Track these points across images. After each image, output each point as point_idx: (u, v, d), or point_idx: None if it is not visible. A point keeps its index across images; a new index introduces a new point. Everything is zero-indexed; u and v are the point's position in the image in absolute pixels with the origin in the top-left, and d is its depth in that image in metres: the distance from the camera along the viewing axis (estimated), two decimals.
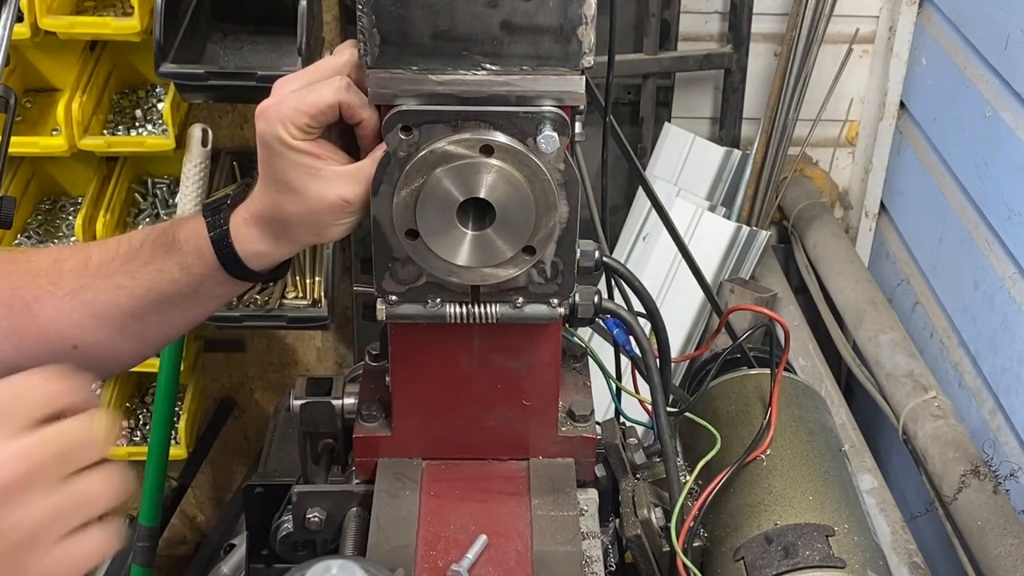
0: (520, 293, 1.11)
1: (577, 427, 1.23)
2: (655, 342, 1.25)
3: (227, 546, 2.52)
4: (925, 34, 2.91)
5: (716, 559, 1.20)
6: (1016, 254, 2.37)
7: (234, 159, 2.59)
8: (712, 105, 3.20)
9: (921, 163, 2.91)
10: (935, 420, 2.37)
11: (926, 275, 2.85)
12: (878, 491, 2.38)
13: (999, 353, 2.44)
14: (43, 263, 1.16)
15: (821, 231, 3.07)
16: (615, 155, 1.60)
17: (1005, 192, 2.42)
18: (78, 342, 1.14)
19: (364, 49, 1.00)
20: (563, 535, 1.14)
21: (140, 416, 2.76)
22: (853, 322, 2.80)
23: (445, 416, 1.21)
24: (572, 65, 1.01)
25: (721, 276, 2.89)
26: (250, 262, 1.11)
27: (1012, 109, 2.42)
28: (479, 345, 1.16)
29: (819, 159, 3.26)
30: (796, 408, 1.32)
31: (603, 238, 1.46)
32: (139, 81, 2.62)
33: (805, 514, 1.17)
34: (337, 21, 2.69)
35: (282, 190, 1.06)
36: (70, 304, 1.13)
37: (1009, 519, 2.09)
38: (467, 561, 1.10)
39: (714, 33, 3.13)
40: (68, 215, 2.66)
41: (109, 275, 1.13)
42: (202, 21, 2.32)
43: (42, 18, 2.27)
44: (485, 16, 0.98)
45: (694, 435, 1.34)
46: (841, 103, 3.12)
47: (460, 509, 1.17)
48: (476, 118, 1.02)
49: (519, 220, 1.03)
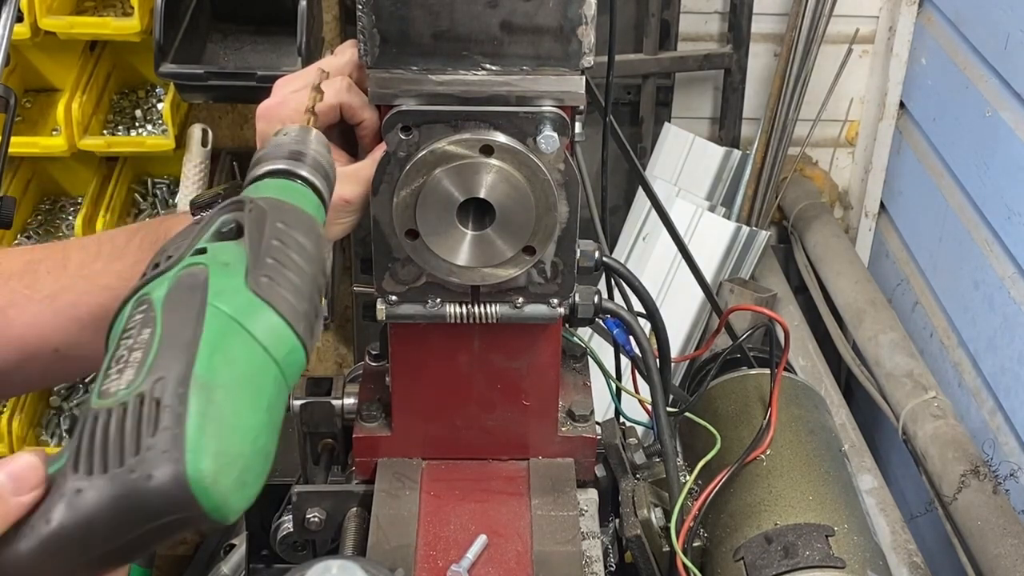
0: (520, 293, 1.11)
1: (577, 427, 1.23)
2: (655, 342, 1.25)
3: (227, 546, 2.52)
4: (925, 34, 2.91)
5: (716, 559, 1.20)
6: (1016, 254, 2.37)
7: (234, 159, 2.59)
8: (712, 105, 3.20)
9: (921, 163, 2.91)
10: (935, 420, 2.37)
11: (926, 275, 2.85)
12: (878, 491, 2.38)
13: (999, 353, 2.44)
14: (14, 266, 1.11)
15: (821, 231, 3.07)
16: (615, 155, 1.60)
17: (1005, 192, 2.43)
18: (59, 346, 1.11)
19: (364, 49, 1.00)
20: (563, 535, 1.14)
21: None
22: (853, 322, 2.80)
23: (445, 416, 1.21)
24: (572, 65, 1.01)
25: (721, 276, 2.89)
26: None
27: (1012, 109, 2.42)
28: (479, 345, 1.16)
29: (819, 159, 3.27)
30: (796, 408, 1.32)
31: (603, 238, 1.46)
32: (139, 81, 2.62)
33: (805, 514, 1.17)
34: (337, 21, 2.69)
35: None
36: (50, 308, 1.09)
37: (1009, 519, 2.09)
38: (467, 561, 1.10)
39: (714, 33, 3.13)
40: (68, 215, 2.66)
41: (91, 276, 1.10)
42: (202, 21, 2.32)
43: (42, 18, 2.27)
44: (485, 16, 0.98)
45: (694, 435, 1.34)
46: (841, 103, 3.13)
47: (460, 509, 1.17)
48: (476, 118, 1.01)
49: (519, 220, 1.03)
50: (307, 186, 0.85)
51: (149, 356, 0.67)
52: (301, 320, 0.73)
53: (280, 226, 0.76)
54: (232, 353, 0.69)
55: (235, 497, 0.65)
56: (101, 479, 0.63)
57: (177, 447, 0.63)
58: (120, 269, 1.11)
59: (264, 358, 0.70)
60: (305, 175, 0.85)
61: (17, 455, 0.66)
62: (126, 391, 0.65)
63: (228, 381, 0.67)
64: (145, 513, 0.63)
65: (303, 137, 0.89)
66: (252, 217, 0.76)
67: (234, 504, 0.65)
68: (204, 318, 0.69)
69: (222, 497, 0.64)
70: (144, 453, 0.63)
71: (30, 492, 0.65)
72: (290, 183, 0.84)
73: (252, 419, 0.68)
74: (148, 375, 0.66)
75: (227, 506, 0.65)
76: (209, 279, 0.71)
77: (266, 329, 0.71)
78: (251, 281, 0.72)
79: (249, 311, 0.71)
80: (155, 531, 0.64)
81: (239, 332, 0.70)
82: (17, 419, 2.56)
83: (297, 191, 0.84)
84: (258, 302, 0.71)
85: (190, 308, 0.70)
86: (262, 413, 0.69)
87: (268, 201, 0.79)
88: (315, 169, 0.86)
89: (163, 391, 0.65)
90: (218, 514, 0.65)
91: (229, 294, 0.71)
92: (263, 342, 0.70)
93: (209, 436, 0.64)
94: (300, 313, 0.73)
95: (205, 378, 0.66)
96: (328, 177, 0.88)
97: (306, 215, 0.80)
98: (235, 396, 0.67)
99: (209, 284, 0.71)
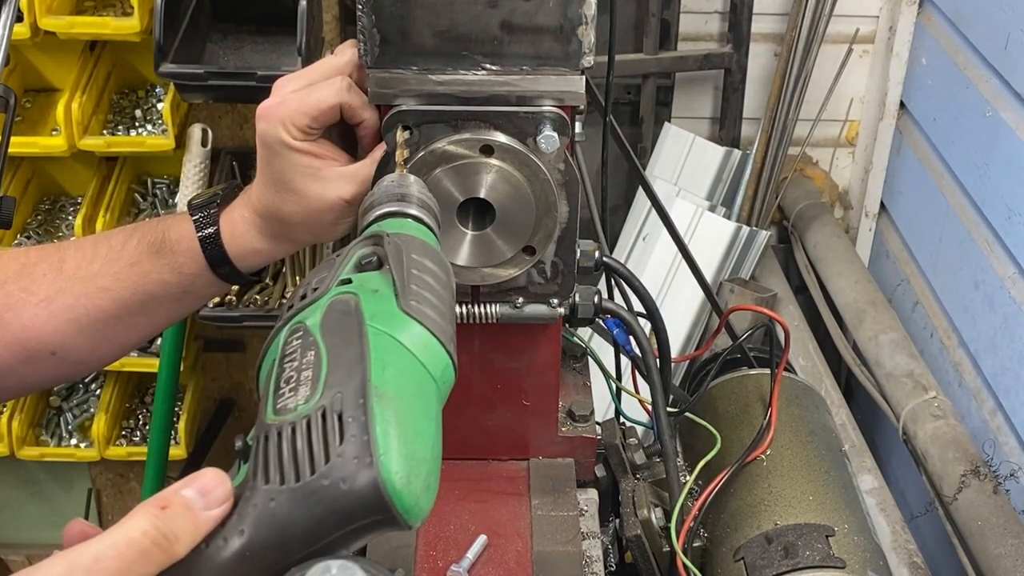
0: (520, 293, 1.11)
1: (577, 427, 1.23)
2: (655, 342, 1.25)
3: None
4: (925, 34, 2.91)
5: (716, 559, 1.20)
6: (1016, 254, 2.37)
7: (234, 159, 2.59)
8: (712, 105, 3.20)
9: (921, 163, 2.91)
10: (935, 420, 2.37)
11: (926, 275, 2.85)
12: (878, 491, 2.38)
13: (999, 353, 2.44)
14: (10, 268, 1.11)
15: (821, 231, 3.07)
16: (615, 155, 1.60)
17: (1005, 192, 2.42)
18: (57, 348, 1.11)
19: (364, 49, 1.00)
20: (563, 535, 1.14)
21: (140, 416, 2.76)
22: (853, 322, 2.80)
23: (445, 416, 1.20)
24: (572, 65, 1.01)
25: (721, 276, 2.89)
26: (246, 260, 1.11)
27: (1012, 109, 2.42)
28: (479, 345, 1.16)
29: (819, 159, 3.27)
30: (796, 408, 1.32)
31: (603, 238, 1.46)
32: (139, 81, 2.62)
33: (805, 514, 1.17)
34: (337, 21, 2.69)
35: (282, 190, 1.06)
36: (46, 311, 1.09)
37: (1009, 519, 2.09)
38: (467, 561, 1.10)
39: (714, 33, 3.13)
40: (68, 215, 2.66)
41: (89, 278, 1.10)
42: (202, 21, 2.32)
43: (42, 18, 2.27)
44: (485, 16, 0.98)
45: (694, 435, 1.33)
46: (841, 103, 3.12)
47: (460, 509, 1.17)
48: (476, 118, 1.02)
49: (519, 220, 1.03)
50: (420, 223, 0.90)
51: (321, 373, 0.70)
52: (450, 340, 0.78)
53: (415, 257, 0.81)
54: (400, 367, 0.72)
55: (425, 498, 0.68)
56: (293, 488, 0.65)
57: (368, 452, 0.65)
58: (117, 271, 1.10)
59: (424, 373, 0.75)
60: (415, 213, 0.90)
61: (203, 471, 0.67)
62: (305, 406, 0.68)
63: (403, 392, 0.71)
64: (341, 518, 0.65)
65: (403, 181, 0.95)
66: (392, 249, 0.81)
67: (424, 505, 0.68)
68: (366, 338, 0.72)
69: (414, 498, 0.66)
70: (335, 460, 0.65)
71: (219, 506, 0.66)
72: (406, 221, 0.90)
73: (428, 427, 0.71)
74: (325, 390, 0.69)
75: (419, 507, 0.67)
76: (361, 304, 0.75)
77: (423, 347, 0.75)
78: (402, 304, 0.76)
79: (406, 330, 0.75)
80: (347, 536, 0.66)
81: (400, 349, 0.74)
82: (17, 419, 2.57)
83: (414, 227, 0.89)
84: (412, 322, 0.75)
85: (349, 330, 0.73)
86: (434, 423, 0.73)
87: (399, 236, 0.84)
88: (423, 207, 0.91)
89: (344, 403, 0.67)
90: (410, 516, 0.67)
91: (384, 316, 0.75)
92: (422, 359, 0.75)
93: (396, 440, 0.67)
94: (448, 334, 0.78)
95: (382, 390, 0.69)
96: (435, 214, 0.93)
97: (432, 247, 0.86)
98: (411, 406, 0.71)
99: (363, 308, 0.75)
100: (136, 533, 0.64)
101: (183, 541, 0.65)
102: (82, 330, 1.11)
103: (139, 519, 0.64)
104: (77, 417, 2.69)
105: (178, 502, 0.66)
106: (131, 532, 0.64)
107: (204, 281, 1.12)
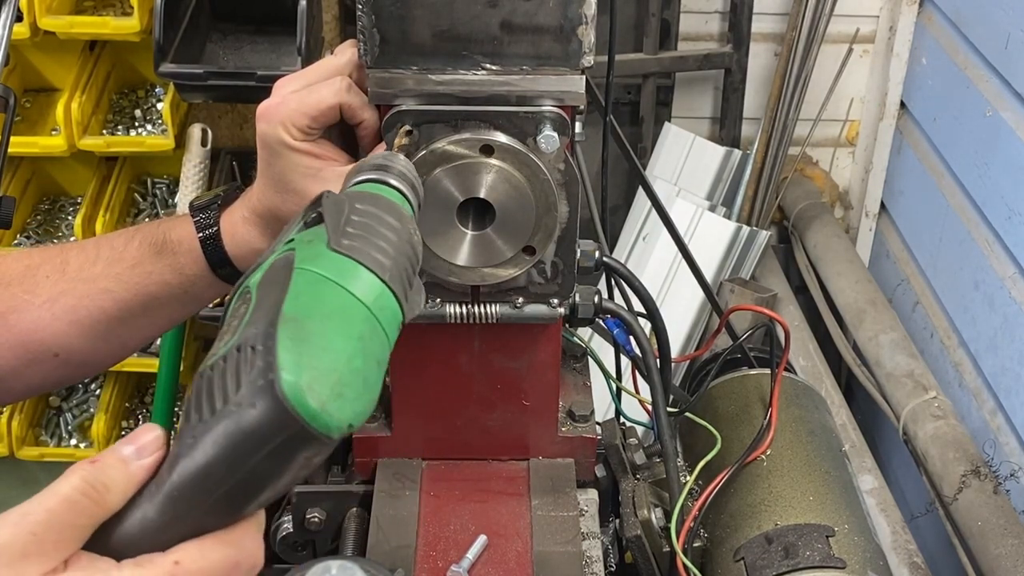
0: (520, 293, 1.10)
1: (577, 427, 1.23)
2: (655, 342, 1.25)
3: None
4: (925, 34, 2.91)
5: (716, 559, 1.20)
6: (1016, 254, 2.37)
7: (234, 159, 2.59)
8: (712, 105, 3.20)
9: (921, 163, 2.91)
10: (935, 420, 2.37)
11: (926, 275, 2.85)
12: (878, 491, 2.38)
13: (999, 353, 2.44)
14: (14, 271, 1.12)
15: (821, 231, 3.07)
16: (615, 155, 1.60)
17: (1005, 192, 2.42)
18: (60, 350, 1.11)
19: (364, 49, 1.00)
20: (563, 535, 1.14)
21: (140, 416, 2.76)
22: (853, 322, 2.80)
23: (445, 416, 1.21)
24: (572, 65, 1.01)
25: (721, 276, 2.89)
26: (247, 261, 1.11)
27: (1012, 109, 2.42)
28: (479, 345, 1.16)
29: (819, 159, 3.27)
30: (796, 408, 1.32)
31: (603, 238, 1.46)
32: (139, 81, 2.62)
33: (805, 514, 1.17)
34: (337, 21, 2.69)
35: (282, 190, 1.06)
36: (49, 312, 1.10)
37: (1009, 519, 2.09)
38: (467, 561, 1.10)
39: (714, 33, 3.13)
40: (68, 215, 2.66)
41: (91, 280, 1.10)
42: (202, 21, 2.32)
43: (42, 18, 2.27)
44: (485, 16, 0.98)
45: (694, 435, 1.33)
46: (841, 103, 3.12)
47: (460, 509, 1.17)
48: (476, 118, 1.01)
49: (519, 220, 1.03)
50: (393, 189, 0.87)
51: (244, 319, 0.71)
52: (387, 271, 0.75)
53: (359, 206, 0.80)
54: (318, 295, 0.72)
55: (333, 406, 0.67)
56: (207, 421, 0.67)
57: (271, 369, 0.66)
58: (119, 272, 1.11)
59: (351, 299, 0.73)
60: (392, 182, 0.87)
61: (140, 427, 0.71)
62: (224, 347, 0.70)
63: (315, 314, 0.70)
64: (255, 440, 0.66)
65: (389, 155, 0.92)
66: (330, 202, 0.79)
67: (334, 412, 0.67)
68: (291, 280, 0.73)
69: (319, 405, 0.67)
70: (244, 388, 0.66)
71: (151, 455, 0.69)
72: (375, 184, 0.87)
73: (342, 343, 0.70)
74: (243, 331, 0.70)
75: (328, 414, 0.67)
76: (296, 255, 0.75)
77: (351, 277, 0.74)
78: (332, 244, 0.75)
79: (329, 263, 0.74)
80: (268, 458, 0.67)
81: (321, 280, 0.73)
82: (17, 419, 2.57)
83: (387, 191, 0.86)
84: (340, 257, 0.74)
85: (280, 278, 0.73)
86: (354, 340, 0.71)
87: (347, 192, 0.83)
88: (401, 179, 0.88)
89: (256, 337, 0.68)
90: (319, 423, 0.67)
91: (311, 257, 0.74)
92: (349, 288, 0.73)
93: (296, 354, 0.67)
94: (385, 266, 0.76)
95: (292, 314, 0.69)
96: (415, 188, 0.90)
97: (386, 199, 0.83)
98: (323, 325, 0.70)
99: (296, 257, 0.75)
100: (65, 487, 0.67)
101: (114, 491, 0.68)
102: (84, 332, 1.11)
103: (71, 475, 0.67)
104: (77, 417, 2.69)
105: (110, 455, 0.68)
106: (60, 487, 0.67)
107: (205, 282, 1.12)
